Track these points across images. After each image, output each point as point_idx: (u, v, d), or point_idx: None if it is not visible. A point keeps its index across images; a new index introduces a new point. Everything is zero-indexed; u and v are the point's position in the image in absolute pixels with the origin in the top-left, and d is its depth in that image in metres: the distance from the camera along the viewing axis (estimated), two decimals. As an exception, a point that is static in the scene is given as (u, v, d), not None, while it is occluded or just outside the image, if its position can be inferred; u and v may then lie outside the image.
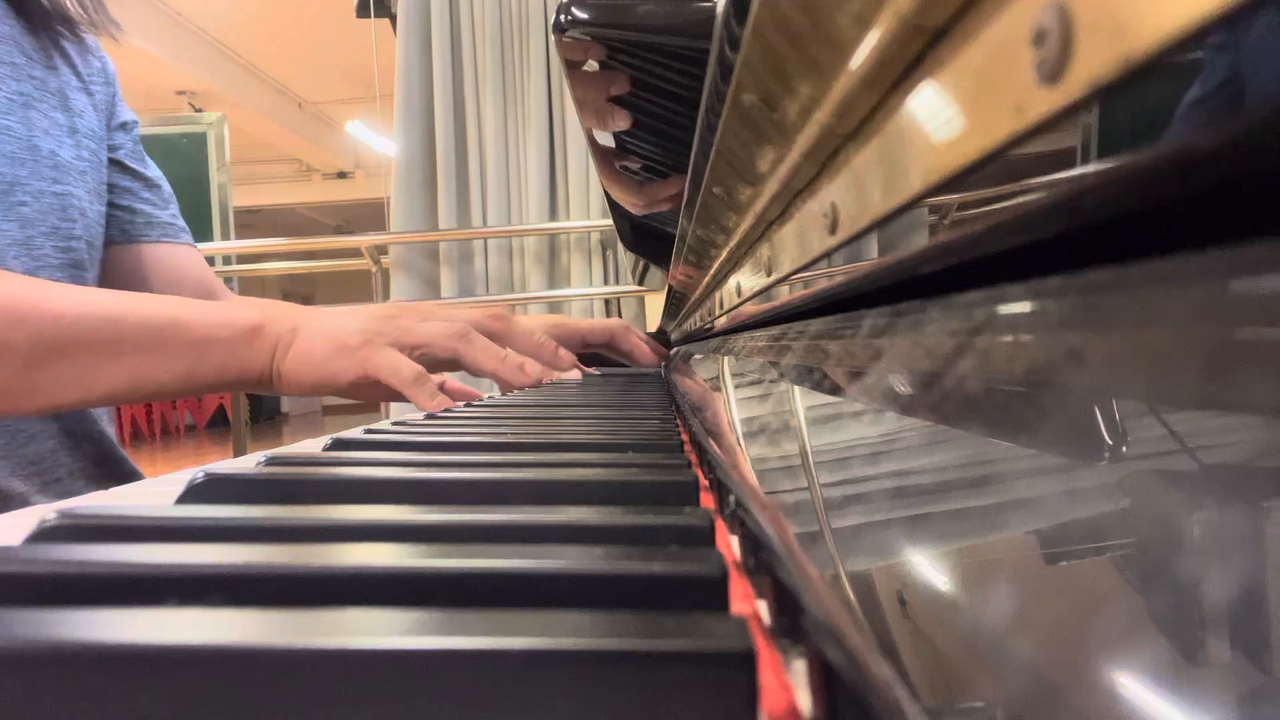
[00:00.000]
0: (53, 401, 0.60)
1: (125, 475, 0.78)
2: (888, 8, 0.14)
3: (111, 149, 0.81)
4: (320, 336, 0.67)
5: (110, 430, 0.79)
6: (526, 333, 0.80)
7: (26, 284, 0.59)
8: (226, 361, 0.64)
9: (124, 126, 0.83)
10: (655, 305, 2.18)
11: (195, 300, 0.67)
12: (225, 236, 3.41)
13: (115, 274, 0.80)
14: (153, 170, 0.85)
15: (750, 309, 0.45)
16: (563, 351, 0.83)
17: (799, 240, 0.27)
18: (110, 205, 0.80)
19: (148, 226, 0.83)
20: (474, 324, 0.74)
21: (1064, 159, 0.11)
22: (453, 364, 0.74)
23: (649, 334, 1.20)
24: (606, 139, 0.67)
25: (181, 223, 0.86)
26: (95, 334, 0.59)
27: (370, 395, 0.73)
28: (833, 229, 0.22)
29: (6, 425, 0.68)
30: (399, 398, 0.72)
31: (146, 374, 0.61)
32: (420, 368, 0.68)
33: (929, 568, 0.15)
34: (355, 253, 3.08)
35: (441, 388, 0.80)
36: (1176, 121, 0.09)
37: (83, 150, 0.75)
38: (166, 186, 0.86)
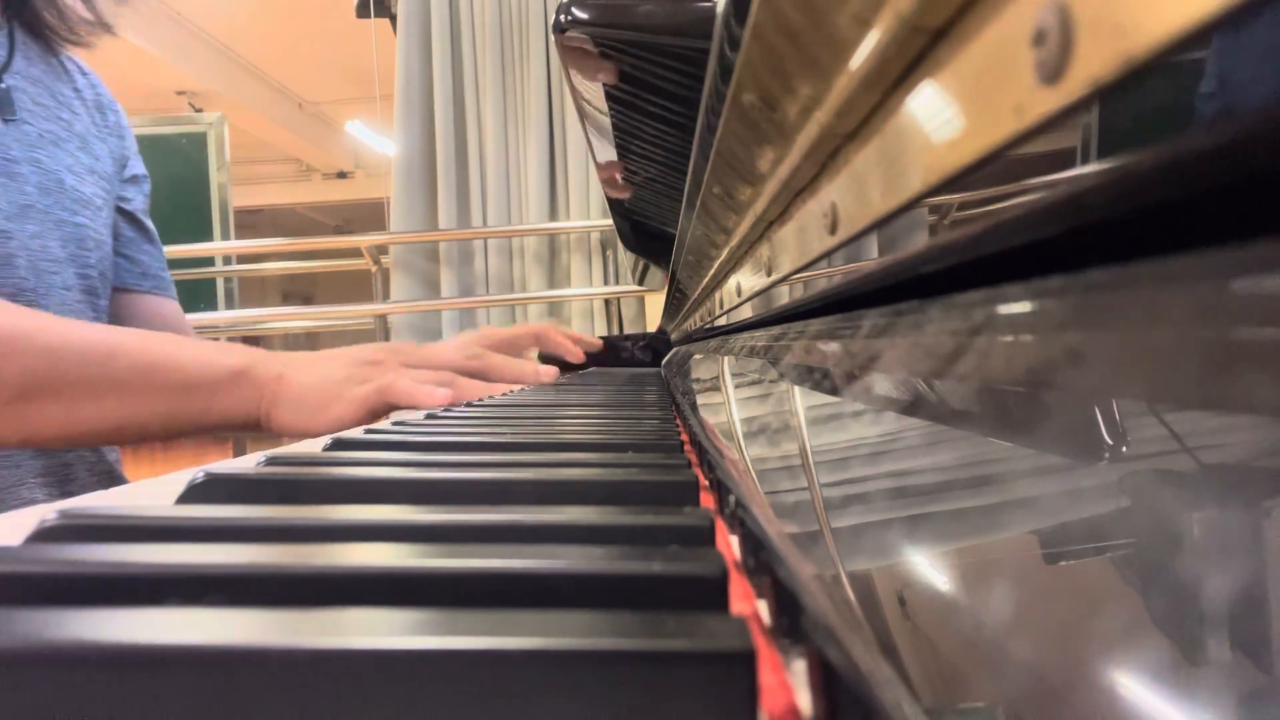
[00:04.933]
0: (34, 437, 0.60)
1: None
2: (888, 8, 0.14)
3: (123, 199, 0.85)
4: (309, 381, 0.68)
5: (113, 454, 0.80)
6: (503, 364, 0.82)
7: (21, 314, 0.60)
8: (209, 404, 0.65)
9: (135, 180, 0.87)
10: (655, 305, 2.18)
11: (182, 339, 0.68)
12: (225, 236, 3.41)
13: (110, 317, 0.84)
14: (152, 225, 0.89)
15: (750, 309, 0.45)
16: (542, 370, 0.85)
17: (799, 240, 0.27)
18: (114, 251, 0.84)
19: (143, 277, 0.87)
20: (455, 367, 0.75)
21: (1064, 159, 0.11)
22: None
23: (649, 334, 1.20)
24: (607, 139, 0.67)
25: (169, 277, 0.91)
26: (84, 371, 0.60)
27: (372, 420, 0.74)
28: (832, 229, 0.22)
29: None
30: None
31: (130, 415, 0.62)
32: (401, 371, 0.69)
33: (929, 568, 0.15)
34: (355, 253, 3.08)
35: None
36: (1176, 121, 0.09)
37: (99, 189, 0.79)
38: (159, 243, 0.90)
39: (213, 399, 0.65)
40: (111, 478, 0.78)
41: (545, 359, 1.10)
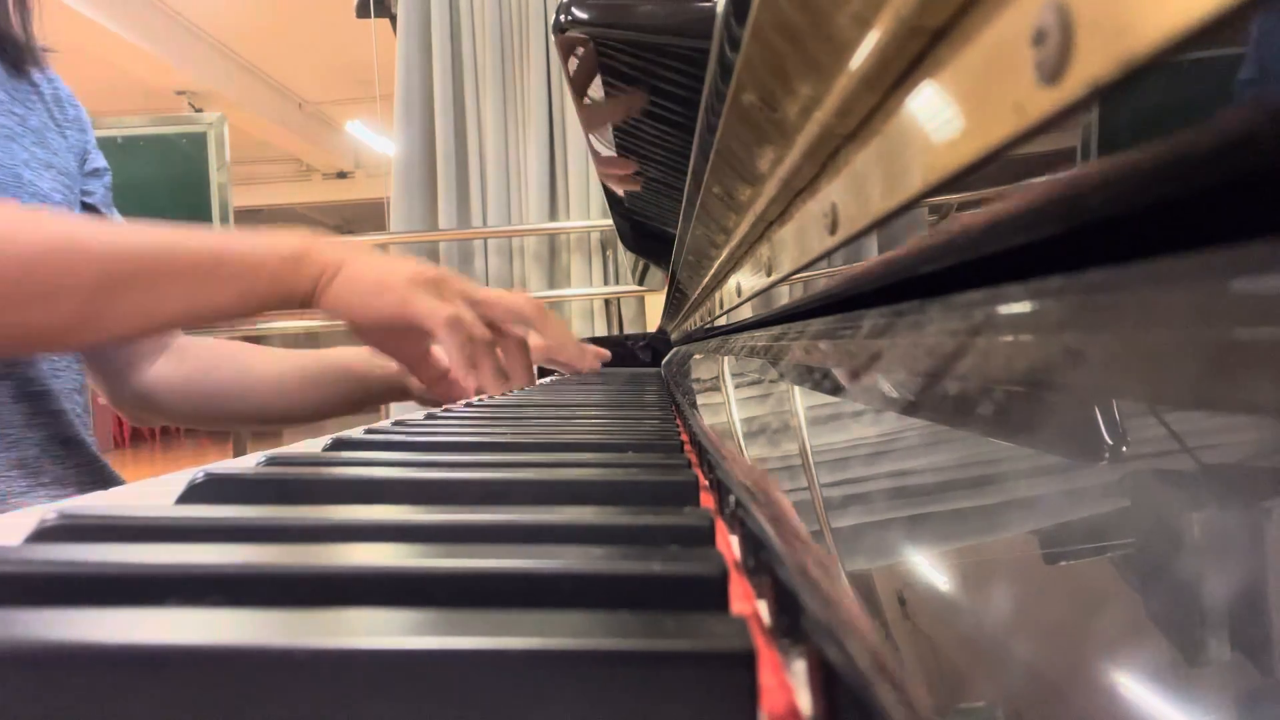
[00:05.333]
0: (116, 331, 0.63)
1: (108, 480, 0.79)
2: (888, 8, 0.14)
3: (86, 193, 0.86)
4: (368, 270, 0.70)
5: (90, 439, 0.80)
6: (562, 335, 0.84)
7: (79, 221, 0.63)
8: (274, 285, 0.68)
9: (96, 173, 0.88)
10: (655, 305, 2.18)
11: (237, 232, 0.72)
12: (225, 236, 3.41)
13: None
14: (116, 216, 0.90)
15: (750, 309, 0.45)
16: (593, 354, 0.86)
17: (799, 240, 0.27)
18: None
19: None
20: (518, 314, 0.76)
21: (1064, 159, 0.11)
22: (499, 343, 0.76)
23: (649, 334, 1.20)
24: (607, 139, 0.67)
25: None
26: (153, 264, 0.63)
27: (397, 348, 0.75)
28: (832, 229, 0.22)
29: None
30: (416, 359, 0.72)
31: (203, 300, 0.65)
32: (459, 312, 0.70)
33: (929, 568, 0.15)
34: (355, 253, 3.07)
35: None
36: (1176, 121, 0.09)
37: (58, 184, 0.79)
38: None
39: (276, 278, 0.68)
40: (94, 471, 0.78)
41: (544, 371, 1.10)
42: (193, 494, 0.24)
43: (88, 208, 0.85)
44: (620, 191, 0.88)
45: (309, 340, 4.12)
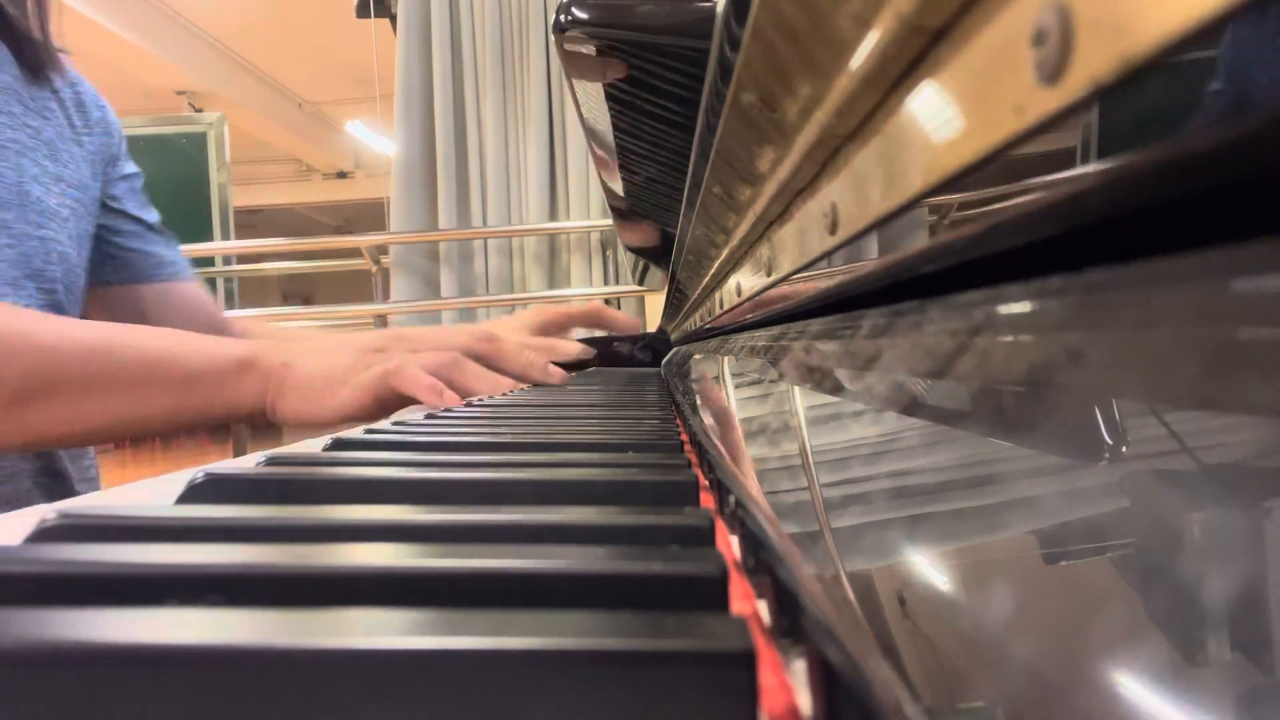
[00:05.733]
0: (36, 438, 0.60)
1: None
2: (888, 8, 0.14)
3: (114, 199, 0.84)
4: (314, 372, 0.67)
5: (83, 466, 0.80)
6: (516, 351, 0.80)
7: (13, 315, 0.59)
8: (214, 396, 0.64)
9: (126, 178, 0.86)
10: (655, 305, 2.18)
11: (183, 333, 0.67)
12: (225, 236, 3.41)
13: (139, 311, 0.84)
14: (154, 215, 0.89)
15: (750, 309, 0.45)
16: (552, 369, 0.84)
17: (799, 240, 0.27)
18: (124, 250, 0.84)
19: (159, 266, 0.87)
20: (464, 349, 0.74)
21: (1064, 159, 0.11)
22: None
23: (649, 334, 1.20)
24: (607, 140, 0.67)
25: (184, 261, 0.92)
26: (85, 368, 0.59)
27: (377, 417, 0.73)
28: (833, 229, 0.22)
29: None
30: (411, 402, 0.71)
31: (133, 409, 0.61)
32: (405, 364, 0.67)
33: (929, 568, 0.15)
34: (355, 253, 3.07)
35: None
36: (1176, 121, 0.09)
37: (67, 198, 0.77)
38: (166, 231, 0.91)
39: (218, 391, 0.64)
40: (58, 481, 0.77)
41: (594, 341, 1.08)
42: (193, 494, 0.24)
43: (118, 213, 0.84)
44: (620, 191, 0.88)
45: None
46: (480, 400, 0.66)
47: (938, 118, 0.14)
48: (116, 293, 0.84)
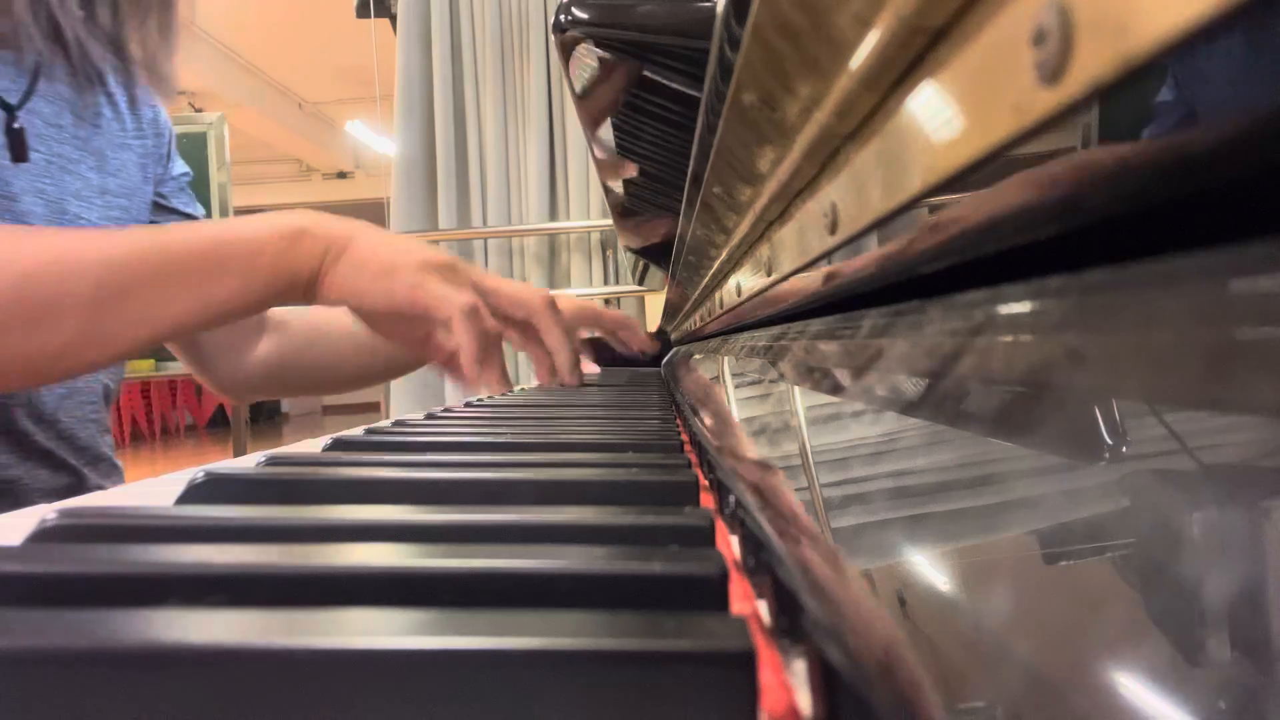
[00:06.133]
0: (121, 346, 0.60)
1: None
2: (888, 8, 0.14)
3: (164, 197, 0.84)
4: (376, 251, 0.65)
5: (105, 441, 0.79)
6: (564, 338, 0.77)
7: (70, 234, 0.59)
8: (277, 268, 0.63)
9: (176, 177, 0.86)
10: (655, 305, 2.18)
11: (230, 219, 0.67)
12: (225, 236, 3.41)
13: None
14: (201, 211, 0.88)
15: (750, 309, 0.45)
16: (582, 371, 0.83)
17: (799, 240, 0.27)
18: None
19: None
20: (533, 312, 0.72)
21: (1064, 159, 0.11)
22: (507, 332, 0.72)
23: (648, 334, 1.20)
24: (607, 139, 0.67)
25: None
26: (148, 267, 0.59)
27: (403, 334, 0.71)
28: (833, 229, 0.22)
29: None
30: (421, 345, 0.69)
31: (205, 296, 0.61)
32: (473, 302, 0.65)
33: (929, 568, 0.15)
34: (355, 253, 3.07)
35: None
36: (1176, 121, 0.09)
37: (111, 210, 0.77)
38: None
39: (279, 261, 0.63)
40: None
41: (596, 345, 1.07)
42: (193, 494, 0.24)
43: (165, 209, 0.84)
44: (620, 191, 0.88)
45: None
46: (480, 400, 0.66)
47: (938, 118, 0.14)
48: None
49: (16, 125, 0.69)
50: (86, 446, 0.77)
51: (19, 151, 0.68)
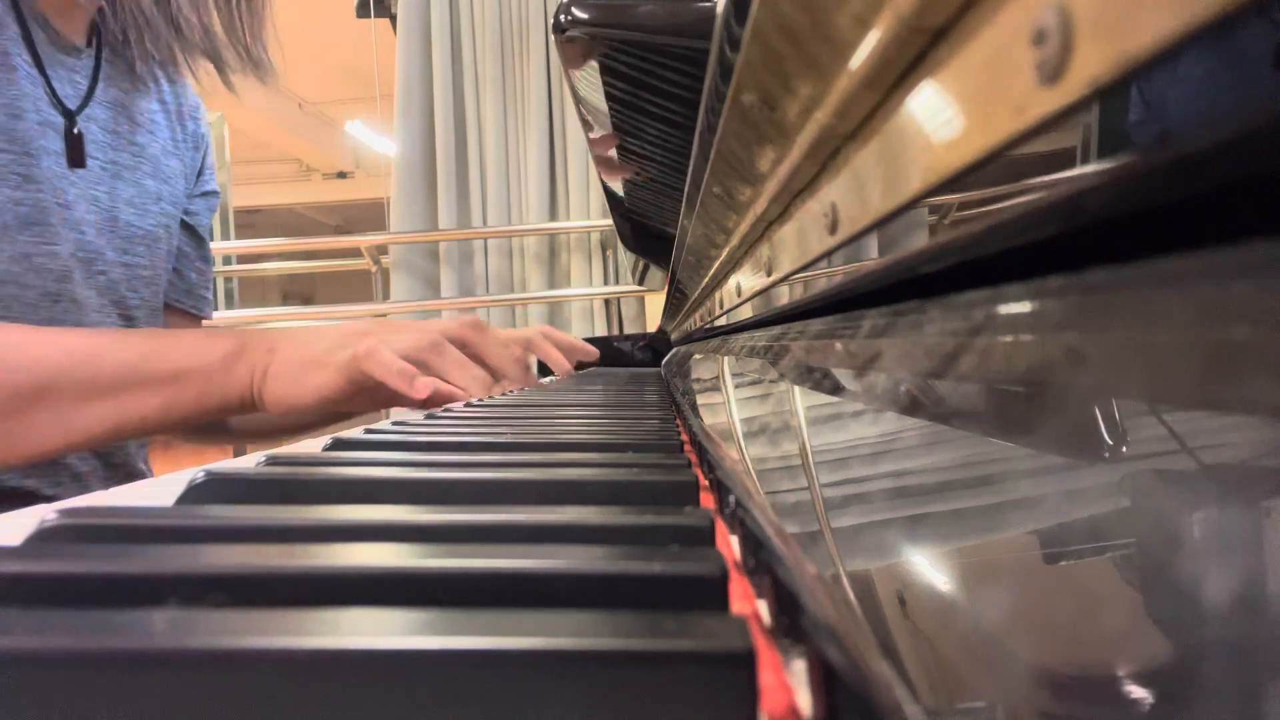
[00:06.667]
0: (32, 451, 0.60)
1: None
2: (888, 8, 0.14)
3: (189, 214, 0.84)
4: (295, 356, 0.67)
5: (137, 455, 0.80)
6: (501, 345, 0.78)
7: (7, 331, 0.59)
8: (205, 390, 0.64)
9: (206, 196, 0.87)
10: (655, 305, 2.18)
11: (169, 331, 0.67)
12: (225, 236, 3.41)
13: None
14: (209, 239, 0.89)
15: (750, 309, 0.45)
16: (530, 379, 0.83)
17: (799, 240, 0.27)
18: (173, 270, 0.84)
19: (187, 295, 0.87)
20: (447, 334, 0.72)
21: (1064, 159, 0.11)
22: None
23: (649, 334, 1.20)
24: (607, 139, 0.67)
25: (209, 296, 0.91)
26: (72, 377, 0.59)
27: (357, 404, 0.72)
28: (833, 229, 0.22)
29: None
30: (388, 402, 0.71)
31: (126, 412, 0.61)
32: (376, 346, 0.66)
33: (928, 568, 0.15)
34: (355, 253, 3.07)
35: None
36: (1176, 121, 0.09)
37: (163, 218, 0.77)
38: (211, 259, 0.92)
39: (207, 384, 0.64)
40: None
41: (543, 367, 1.08)
42: (193, 494, 0.24)
43: (189, 229, 0.84)
44: (620, 191, 0.88)
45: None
46: (480, 400, 0.66)
47: (938, 118, 0.14)
48: None
49: (76, 130, 0.69)
50: (120, 464, 0.77)
51: (77, 157, 0.68)
